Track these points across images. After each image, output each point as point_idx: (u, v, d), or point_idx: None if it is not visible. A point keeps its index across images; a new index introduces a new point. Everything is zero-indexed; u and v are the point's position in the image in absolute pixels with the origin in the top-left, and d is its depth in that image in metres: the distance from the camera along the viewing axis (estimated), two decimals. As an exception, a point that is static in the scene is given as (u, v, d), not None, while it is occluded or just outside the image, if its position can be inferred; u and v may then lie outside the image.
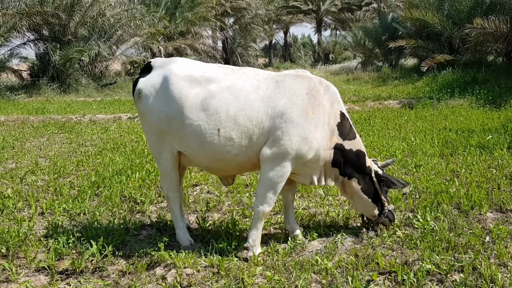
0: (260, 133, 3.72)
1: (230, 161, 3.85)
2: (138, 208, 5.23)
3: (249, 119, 3.70)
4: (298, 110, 3.71)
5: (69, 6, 21.74)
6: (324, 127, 3.82)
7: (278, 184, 3.80)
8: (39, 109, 15.17)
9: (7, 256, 3.97)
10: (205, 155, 3.85)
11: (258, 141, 3.75)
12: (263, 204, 3.82)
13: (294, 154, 3.71)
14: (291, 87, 3.79)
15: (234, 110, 3.70)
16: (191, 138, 3.78)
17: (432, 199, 5.00)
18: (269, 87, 3.79)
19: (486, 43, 17.33)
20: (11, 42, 21.09)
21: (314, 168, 3.93)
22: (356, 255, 3.82)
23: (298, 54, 51.09)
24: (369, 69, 28.00)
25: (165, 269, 3.72)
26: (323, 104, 3.82)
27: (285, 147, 3.68)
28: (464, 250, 3.83)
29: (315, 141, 3.75)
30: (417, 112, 11.56)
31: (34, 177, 6.62)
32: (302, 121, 3.70)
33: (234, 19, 40.12)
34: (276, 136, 3.69)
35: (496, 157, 6.64)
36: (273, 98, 3.74)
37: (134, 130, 10.74)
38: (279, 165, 3.73)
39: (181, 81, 3.80)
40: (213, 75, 3.84)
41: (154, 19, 27.28)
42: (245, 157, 3.83)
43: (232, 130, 3.71)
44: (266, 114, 3.72)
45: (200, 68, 3.93)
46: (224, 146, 3.74)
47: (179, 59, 4.07)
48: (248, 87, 3.78)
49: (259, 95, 3.75)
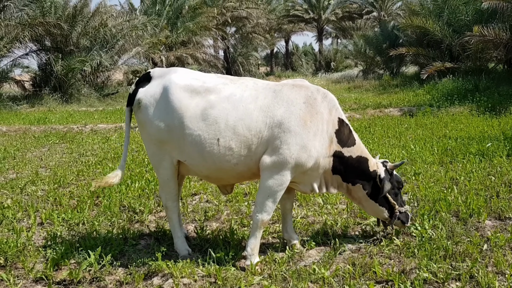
0: (259, 142, 3.75)
1: (230, 171, 3.87)
2: (137, 218, 5.23)
3: (248, 128, 3.73)
4: (296, 119, 3.73)
5: (71, 16, 21.97)
6: (323, 135, 3.84)
7: (277, 193, 3.81)
8: (41, 119, 15.24)
9: (5, 266, 3.99)
10: (205, 165, 3.87)
11: (257, 151, 3.77)
12: (262, 213, 3.82)
13: (293, 163, 3.72)
14: (289, 97, 3.82)
15: (233, 120, 3.73)
16: (191, 147, 3.80)
17: (430, 207, 4.99)
18: (267, 97, 3.83)
19: (487, 50, 17.38)
20: (14, 53, 21.33)
21: (314, 176, 3.94)
22: (353, 264, 3.81)
23: (299, 62, 51.23)
24: (370, 77, 28.07)
25: (163, 279, 3.72)
26: (321, 112, 3.85)
27: (284, 156, 3.69)
28: (461, 258, 3.82)
29: (314, 149, 3.77)
30: (417, 120, 11.57)
31: (34, 187, 6.64)
32: (300, 130, 3.72)
33: (236, 28, 40.33)
34: (275, 146, 3.71)
35: (496, 165, 6.63)
36: (271, 108, 3.77)
37: (134, 139, 10.78)
38: (279, 173, 3.75)
39: (181, 91, 3.83)
40: (213, 85, 3.87)
41: (156, 29, 27.48)
42: (245, 167, 3.84)
43: (231, 140, 3.74)
44: (264, 123, 3.75)
45: (199, 78, 3.96)
46: (224, 156, 3.77)
47: (178, 69, 4.10)
48: (246, 97, 3.82)
49: (258, 105, 3.79)
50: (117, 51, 24.40)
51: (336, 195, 5.69)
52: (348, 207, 5.26)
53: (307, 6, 46.42)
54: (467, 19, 18.19)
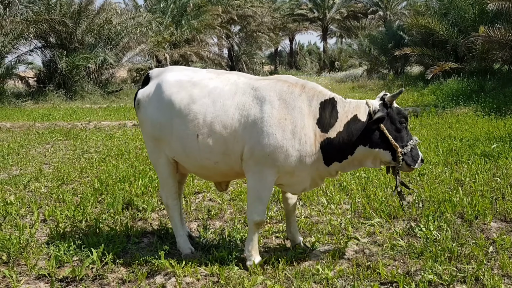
0: (234, 141, 3.63)
1: (212, 169, 3.82)
2: (140, 216, 5.22)
3: (224, 126, 3.63)
4: (269, 119, 3.53)
5: (76, 13, 21.99)
6: (304, 131, 3.56)
7: (262, 194, 3.71)
8: (45, 115, 15.26)
9: (8, 263, 3.98)
10: (189, 161, 3.86)
11: (234, 150, 3.65)
12: (252, 214, 3.75)
13: (271, 163, 3.56)
14: (263, 94, 3.62)
15: (210, 117, 3.67)
16: (176, 143, 3.81)
17: (435, 208, 4.95)
18: (245, 94, 3.68)
19: (492, 51, 17.25)
20: (19, 49, 21.31)
21: (303, 177, 3.72)
22: (357, 265, 3.78)
23: (303, 61, 51.13)
24: (374, 76, 27.97)
25: (165, 277, 3.70)
26: (299, 106, 3.58)
27: (259, 157, 3.56)
28: (467, 260, 3.78)
29: (293, 148, 3.53)
30: (422, 120, 11.52)
31: (37, 183, 6.64)
32: (274, 130, 3.52)
33: (240, 26, 40.28)
34: (250, 146, 3.58)
35: (501, 166, 6.58)
36: (246, 106, 3.63)
37: (138, 137, 10.76)
38: (260, 174, 3.63)
39: (171, 87, 3.85)
40: (198, 80, 3.84)
41: (160, 27, 27.47)
42: (225, 165, 3.77)
43: (208, 137, 3.66)
44: (239, 122, 3.62)
45: (189, 74, 3.95)
46: (204, 153, 3.71)
47: (175, 67, 4.13)
48: (226, 92, 3.71)
49: (235, 102, 3.66)
50: (122, 49, 24.43)
51: (340, 195, 5.66)
52: (352, 207, 5.23)
53: (312, 5, 46.35)
54: (473, 19, 18.09)
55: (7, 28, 19.24)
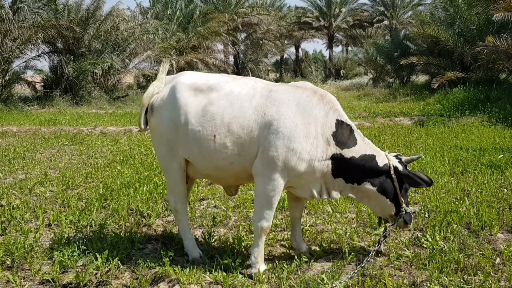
0: (250, 141, 3.71)
1: (226, 170, 3.87)
2: (145, 222, 5.21)
3: (241, 127, 3.72)
4: (285, 121, 3.64)
5: (83, 19, 22.18)
6: (317, 138, 3.67)
7: (272, 198, 3.72)
8: (51, 120, 15.33)
9: (12, 267, 3.97)
10: (204, 162, 3.89)
11: (250, 151, 3.73)
12: (260, 220, 3.76)
13: (282, 166, 3.62)
14: (282, 98, 3.74)
15: (228, 117, 3.75)
16: (192, 143, 3.84)
17: (441, 219, 4.91)
18: (262, 96, 3.79)
19: (498, 61, 17.22)
20: (26, 54, 21.49)
21: (310, 180, 3.78)
22: (363, 275, 3.75)
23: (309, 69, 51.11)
24: (380, 85, 27.97)
25: (169, 284, 3.69)
26: (315, 114, 3.70)
27: (272, 159, 3.61)
28: (473, 271, 3.74)
29: (305, 152, 3.62)
30: (428, 130, 11.47)
31: (42, 188, 6.65)
32: (289, 132, 3.61)
33: (246, 34, 40.44)
34: (264, 147, 3.66)
35: (508, 177, 6.53)
36: (264, 108, 3.73)
37: (143, 142, 10.79)
38: (270, 178, 3.67)
39: (187, 89, 3.93)
40: (215, 83, 3.94)
41: (167, 33, 27.63)
42: (240, 167, 3.82)
43: (226, 137, 3.74)
44: (256, 123, 3.71)
45: (204, 77, 4.06)
46: (220, 153, 3.77)
47: (186, 72, 4.23)
48: (243, 95, 3.81)
49: (252, 104, 3.76)
50: (128, 55, 24.59)
51: (345, 204, 5.63)
52: (358, 216, 5.20)
53: (318, 14, 46.42)
54: (479, 29, 18.08)
55: (16, 33, 19.42)
